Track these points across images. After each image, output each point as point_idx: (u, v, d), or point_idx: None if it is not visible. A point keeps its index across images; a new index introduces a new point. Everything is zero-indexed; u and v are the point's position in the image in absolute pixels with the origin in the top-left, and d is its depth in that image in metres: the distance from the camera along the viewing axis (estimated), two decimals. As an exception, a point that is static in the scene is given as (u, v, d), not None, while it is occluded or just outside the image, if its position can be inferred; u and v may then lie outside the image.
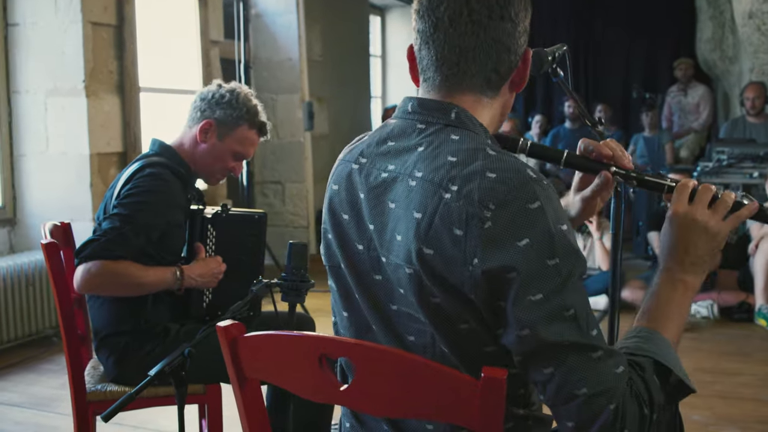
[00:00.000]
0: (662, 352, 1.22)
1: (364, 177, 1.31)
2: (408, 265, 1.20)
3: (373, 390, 1.12)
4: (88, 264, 2.16)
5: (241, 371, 1.29)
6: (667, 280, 1.33)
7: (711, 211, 1.33)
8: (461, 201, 1.15)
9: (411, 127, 1.30)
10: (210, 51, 5.76)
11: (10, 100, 4.68)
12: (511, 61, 1.28)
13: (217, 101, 2.44)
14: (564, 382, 1.12)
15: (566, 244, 1.14)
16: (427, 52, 1.28)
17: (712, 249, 1.34)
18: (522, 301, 1.12)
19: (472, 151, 1.21)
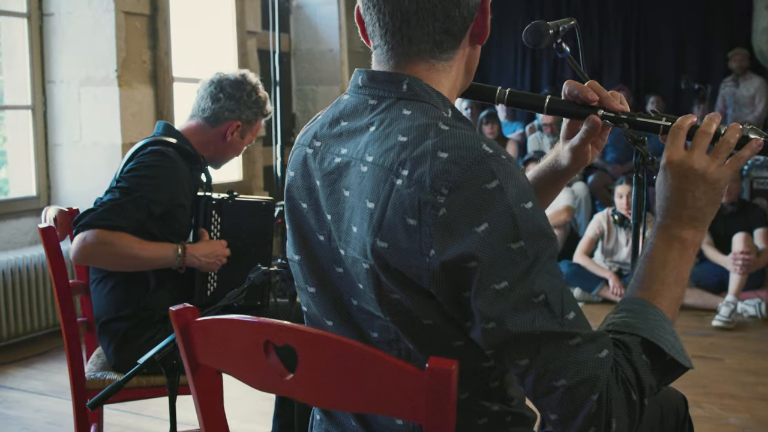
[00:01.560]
0: (652, 327, 1.09)
1: (319, 162, 1.21)
2: (364, 260, 1.10)
3: (317, 380, 1.03)
4: (85, 233, 2.12)
5: (193, 357, 1.21)
6: (663, 239, 1.19)
7: (711, 156, 1.19)
8: (412, 187, 1.05)
9: (363, 103, 1.19)
10: (247, 41, 5.73)
11: (45, 89, 4.71)
12: (463, 16, 1.16)
13: (245, 102, 2.47)
14: (541, 373, 1.02)
15: (531, 224, 1.03)
16: (369, 18, 1.18)
17: (713, 199, 1.19)
18: (485, 291, 1.01)
19: (423, 128, 1.09)
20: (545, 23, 1.65)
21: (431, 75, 1.18)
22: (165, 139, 2.35)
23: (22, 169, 4.75)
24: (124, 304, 2.28)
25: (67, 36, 4.63)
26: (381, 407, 0.99)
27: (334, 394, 1.02)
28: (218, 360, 1.18)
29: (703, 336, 4.59)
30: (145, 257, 2.19)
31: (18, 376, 3.83)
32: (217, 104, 2.44)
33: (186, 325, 1.20)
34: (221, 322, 1.15)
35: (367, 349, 0.98)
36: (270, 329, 1.07)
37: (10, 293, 4.16)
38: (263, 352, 1.08)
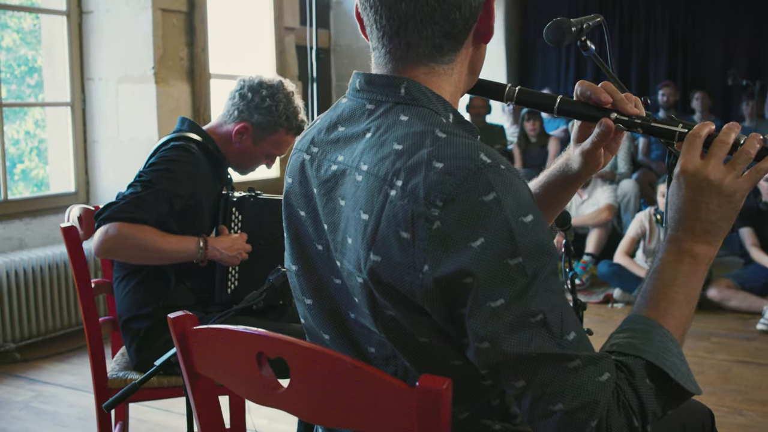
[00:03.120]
0: (657, 350, 1.03)
1: (315, 169, 1.17)
2: (358, 273, 1.06)
3: (309, 394, 1.00)
4: (106, 225, 2.12)
5: (191, 367, 1.18)
6: (673, 252, 1.12)
7: (728, 167, 1.11)
8: (406, 199, 0.99)
9: (360, 108, 1.14)
10: (285, 38, 5.72)
11: (84, 86, 4.76)
12: (465, 17, 1.10)
13: (257, 105, 2.39)
14: (538, 396, 0.96)
15: (530, 239, 0.97)
16: (367, 20, 1.12)
17: (729, 212, 1.12)
18: (480, 309, 0.96)
19: (419, 135, 1.04)
20: (567, 20, 1.59)
21: (431, 78, 1.13)
22: (188, 135, 2.35)
23: (62, 165, 4.81)
24: (145, 302, 2.27)
25: (106, 33, 4.67)
26: (372, 425, 0.95)
27: (325, 409, 0.99)
28: (214, 370, 1.16)
29: (747, 340, 4.45)
30: (167, 249, 2.18)
31: (53, 371, 3.88)
32: (231, 102, 2.43)
33: (184, 333, 1.17)
34: (216, 331, 1.12)
35: (358, 364, 0.94)
36: (262, 341, 1.04)
37: (48, 288, 4.21)
38: (256, 364, 1.05)
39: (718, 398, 3.53)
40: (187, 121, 2.44)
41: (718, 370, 3.93)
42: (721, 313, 4.97)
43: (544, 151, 7.18)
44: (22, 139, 5.09)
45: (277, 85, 2.41)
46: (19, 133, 5.11)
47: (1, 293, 4.01)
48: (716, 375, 3.86)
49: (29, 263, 4.12)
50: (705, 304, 5.05)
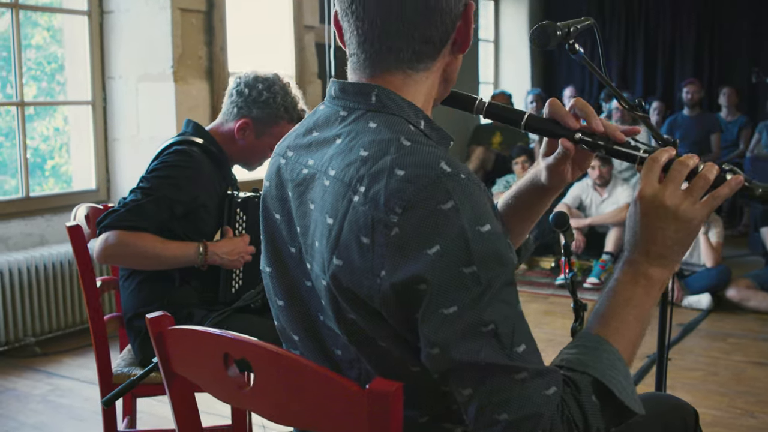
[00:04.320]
0: (604, 367, 1.05)
1: (289, 172, 1.20)
2: (323, 276, 1.08)
3: (270, 395, 1.02)
4: (107, 233, 2.17)
5: (168, 367, 1.21)
6: (628, 274, 1.14)
7: (685, 192, 1.12)
8: (367, 205, 1.02)
9: (334, 114, 1.17)
10: (304, 36, 5.76)
11: (105, 85, 4.84)
12: (445, 23, 1.12)
13: (254, 99, 2.40)
14: (484, 404, 0.98)
15: (486, 248, 0.99)
16: (347, 25, 1.14)
17: (685, 238, 1.14)
18: (433, 315, 0.98)
19: (385, 142, 1.06)
20: (554, 24, 1.60)
21: (407, 85, 1.15)
22: (191, 139, 2.38)
23: (84, 162, 4.90)
24: (149, 300, 2.32)
25: (126, 33, 4.74)
26: (327, 426, 0.97)
27: (285, 410, 1.01)
28: (188, 369, 1.19)
29: (765, 341, 4.41)
30: (167, 256, 2.22)
31: (72, 365, 3.95)
32: (230, 100, 2.45)
33: (160, 334, 1.20)
34: (188, 332, 1.15)
35: (313, 366, 0.96)
36: (227, 342, 1.06)
37: (68, 284, 4.30)
38: (222, 364, 1.08)
39: (731, 399, 3.51)
40: (191, 123, 2.47)
41: (732, 371, 3.90)
42: (739, 313, 4.92)
43: (566, 149, 7.14)
44: (52, 136, 5.19)
45: (273, 78, 2.43)
46: (48, 130, 5.21)
47: (22, 288, 4.10)
48: (730, 376, 3.83)
49: (50, 259, 4.21)
50: (724, 304, 5.01)
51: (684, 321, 4.77)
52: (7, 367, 3.91)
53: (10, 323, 4.06)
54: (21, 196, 4.43)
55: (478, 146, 7.28)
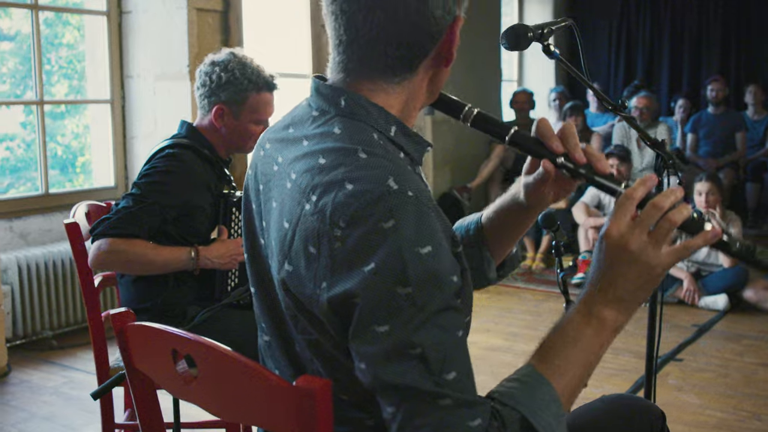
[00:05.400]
0: (536, 407, 1.04)
1: (263, 167, 1.22)
2: (277, 277, 1.11)
3: (212, 390, 1.06)
4: (99, 241, 2.21)
5: (129, 362, 1.25)
6: (582, 313, 1.11)
7: (651, 237, 1.07)
8: (316, 215, 1.03)
9: (308, 114, 1.18)
10: (322, 35, 5.79)
11: (124, 84, 4.92)
12: (421, 41, 1.10)
13: (217, 84, 2.41)
14: (404, 425, 0.98)
15: (424, 270, 0.97)
16: (328, 25, 1.14)
17: (646, 285, 1.09)
18: (364, 332, 0.98)
19: (342, 152, 1.06)
20: (524, 26, 1.61)
21: (378, 94, 1.14)
22: (183, 142, 2.41)
23: (103, 160, 4.99)
24: (145, 298, 2.37)
25: (143, 32, 4.82)
26: (262, 421, 1.00)
27: (226, 405, 1.05)
28: (146, 365, 1.23)
29: (775, 342, 4.37)
30: (159, 262, 2.27)
31: (85, 359, 4.03)
32: (198, 94, 2.47)
33: (122, 330, 1.24)
34: (144, 328, 1.19)
35: (247, 363, 0.99)
36: (174, 339, 1.10)
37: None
38: (171, 359, 1.11)
39: (738, 401, 3.49)
40: (186, 124, 2.50)
41: (743, 373, 3.86)
42: (756, 314, 4.87)
43: (586, 147, 7.09)
44: (82, 133, 5.29)
45: (227, 58, 2.44)
46: (78, 127, 5.32)
47: (40, 283, 4.20)
48: (740, 378, 3.80)
49: (67, 255, 4.30)
50: (740, 305, 4.95)
51: (700, 322, 4.74)
52: (24, 360, 4.01)
53: (28, 317, 4.16)
54: (40, 193, 4.54)
55: (499, 144, 7.26)
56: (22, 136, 4.94)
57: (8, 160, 5.08)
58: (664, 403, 3.42)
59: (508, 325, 4.72)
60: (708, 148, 7.38)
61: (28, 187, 4.69)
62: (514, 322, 4.80)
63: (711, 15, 8.84)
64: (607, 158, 5.80)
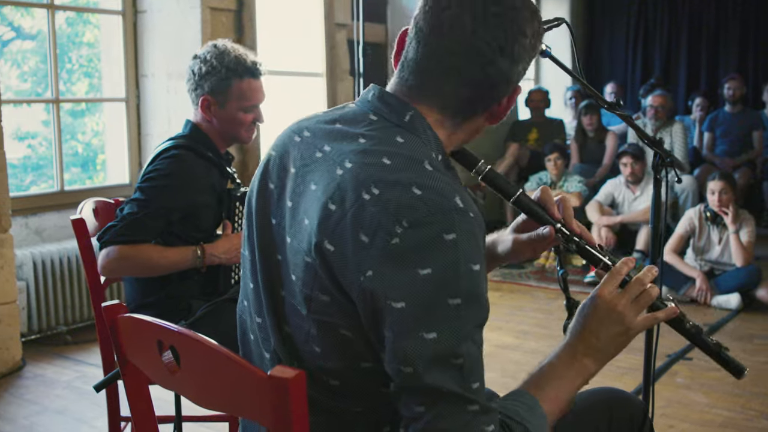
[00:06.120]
0: (536, 426, 1.20)
1: (300, 152, 1.25)
2: (307, 255, 1.14)
3: (194, 379, 1.09)
4: (108, 249, 2.25)
5: (121, 353, 1.29)
6: (567, 357, 1.30)
7: (633, 305, 1.30)
8: (377, 207, 1.08)
9: (364, 115, 1.23)
10: (336, 34, 5.83)
11: (138, 83, 4.98)
12: (494, 98, 1.22)
13: (199, 76, 2.42)
14: (430, 425, 1.07)
15: (473, 285, 1.07)
16: (414, 50, 1.20)
17: (622, 343, 1.31)
18: (411, 336, 1.05)
19: (408, 159, 1.13)
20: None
21: (436, 125, 1.23)
22: (183, 142, 2.43)
23: (118, 158, 5.05)
24: (150, 293, 2.40)
25: (158, 32, 4.88)
26: (241, 410, 1.03)
27: (207, 394, 1.08)
28: (135, 356, 1.26)
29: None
30: (166, 264, 2.31)
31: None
32: (188, 92, 2.49)
33: (114, 321, 1.27)
34: (132, 320, 1.23)
35: (225, 352, 1.02)
36: (160, 330, 1.13)
37: (98, 275, 4.45)
38: (156, 350, 1.15)
39: (746, 401, 3.48)
40: (190, 123, 2.52)
41: (753, 373, 3.84)
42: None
43: (601, 146, 7.08)
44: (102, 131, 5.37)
45: (207, 49, 2.44)
46: (98, 125, 5.39)
47: (54, 279, 4.26)
48: (749, 377, 3.72)
49: (82, 251, 4.36)
50: (754, 305, 4.93)
51: (712, 321, 4.72)
52: (39, 354, 4.07)
53: (43, 312, 4.23)
54: (56, 190, 4.60)
55: (514, 143, 7.26)
56: (43, 135, 5.02)
57: (30, 158, 5.17)
58: (671, 401, 3.43)
59: (519, 323, 4.73)
60: (725, 146, 7.33)
61: (50, 184, 4.77)
62: (525, 320, 4.81)
63: (729, 13, 8.77)
64: (621, 157, 5.86)
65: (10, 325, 3.82)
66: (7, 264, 3.81)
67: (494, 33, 1.15)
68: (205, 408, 1.11)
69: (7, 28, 5.08)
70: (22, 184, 5.00)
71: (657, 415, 3.25)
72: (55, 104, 4.58)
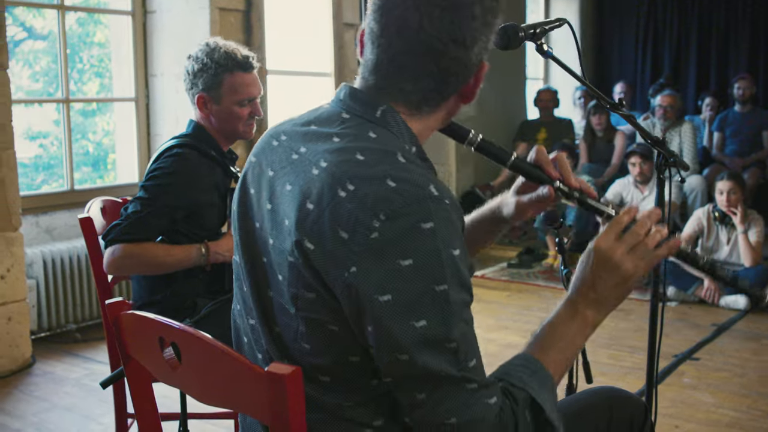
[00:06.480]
0: (540, 388, 1.21)
1: (278, 155, 1.27)
2: (290, 254, 1.16)
3: (195, 375, 1.11)
4: (113, 247, 2.28)
5: (124, 350, 1.31)
6: (568, 311, 1.30)
7: (631, 254, 1.28)
8: (354, 203, 1.09)
9: (337, 114, 1.25)
10: (344, 34, 5.85)
11: (148, 82, 5.01)
12: (458, 83, 1.23)
13: (194, 75, 2.45)
14: (434, 409, 1.10)
15: (456, 270, 1.09)
16: (370, 50, 1.22)
17: (621, 292, 1.31)
18: (402, 326, 1.07)
19: (382, 153, 1.15)
20: (516, 25, 1.64)
21: (407, 117, 1.24)
22: (185, 141, 2.46)
23: (128, 157, 5.09)
24: (156, 289, 2.43)
25: (167, 32, 4.90)
26: (240, 405, 1.05)
27: (207, 390, 1.09)
28: (137, 352, 1.28)
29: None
30: (170, 262, 2.33)
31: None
32: (187, 93, 2.52)
33: (116, 318, 1.29)
34: (134, 317, 1.24)
35: (224, 348, 1.04)
36: (161, 327, 1.15)
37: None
38: (158, 346, 1.16)
39: (753, 401, 3.47)
40: (193, 123, 2.55)
41: (760, 373, 3.84)
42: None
43: (610, 146, 7.07)
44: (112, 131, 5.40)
45: (199, 48, 2.47)
46: (109, 125, 5.43)
47: (64, 277, 4.30)
48: (756, 378, 3.78)
49: (91, 249, 4.39)
50: (761, 304, 4.91)
51: (719, 321, 4.71)
52: (48, 352, 4.11)
53: (53, 310, 4.26)
54: (66, 189, 4.64)
55: (523, 142, 7.26)
56: (55, 134, 5.06)
57: (41, 158, 5.21)
58: (677, 401, 3.43)
59: (526, 322, 4.73)
60: (734, 146, 7.30)
61: (60, 183, 4.81)
62: (533, 319, 4.81)
63: (739, 13, 8.74)
64: (630, 156, 5.85)
65: (20, 323, 3.86)
66: (17, 262, 3.85)
67: (441, 26, 1.15)
68: (206, 404, 1.12)
69: (19, 28, 5.12)
70: (33, 183, 5.05)
71: (662, 414, 3.26)
72: (65, 104, 4.62)
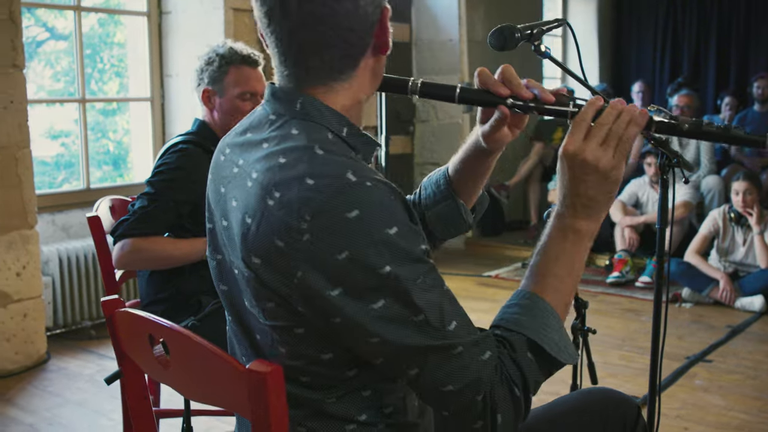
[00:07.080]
0: (538, 326, 1.16)
1: (226, 171, 1.28)
2: (245, 269, 1.17)
3: (183, 373, 1.12)
4: (122, 242, 2.31)
5: (119, 347, 1.33)
6: (558, 229, 1.23)
7: (603, 146, 1.21)
8: (282, 210, 1.09)
9: (265, 118, 1.24)
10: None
11: (163, 82, 5.06)
12: (360, 37, 1.18)
13: (201, 70, 2.51)
14: (430, 380, 1.10)
15: (396, 248, 1.06)
16: (269, 41, 1.20)
17: (607, 188, 1.23)
18: (362, 312, 1.07)
19: (301, 151, 1.14)
20: (512, 26, 1.63)
21: (329, 95, 1.21)
22: (190, 138, 2.49)
23: (144, 156, 5.14)
24: (162, 288, 2.46)
25: (182, 32, 4.95)
26: (226, 402, 1.07)
27: (194, 387, 1.11)
28: (131, 350, 1.30)
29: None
30: (178, 256, 2.36)
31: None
32: (195, 91, 2.57)
33: (111, 316, 1.32)
34: (127, 315, 1.26)
35: (210, 347, 1.06)
36: (151, 325, 1.17)
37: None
38: (148, 344, 1.18)
39: (764, 404, 3.45)
40: (198, 121, 2.58)
41: (773, 376, 3.81)
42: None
43: (627, 145, 7.03)
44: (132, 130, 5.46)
45: (212, 48, 2.52)
46: (128, 124, 5.48)
47: (79, 275, 4.35)
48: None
49: (106, 247, 4.44)
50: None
51: (734, 323, 4.68)
52: (63, 348, 4.16)
53: (68, 307, 4.32)
54: (82, 188, 4.70)
55: (539, 142, 7.24)
56: (76, 133, 5.12)
57: (63, 156, 5.28)
58: (688, 403, 3.41)
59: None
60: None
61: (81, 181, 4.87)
62: (545, 320, 4.79)
63: (759, 12, 8.65)
64: (646, 156, 5.82)
65: (36, 320, 3.91)
66: (33, 260, 3.90)
67: None
68: (195, 401, 1.14)
69: (41, 28, 5.19)
70: (54, 181, 5.11)
71: (672, 416, 3.25)
72: (82, 104, 4.67)
